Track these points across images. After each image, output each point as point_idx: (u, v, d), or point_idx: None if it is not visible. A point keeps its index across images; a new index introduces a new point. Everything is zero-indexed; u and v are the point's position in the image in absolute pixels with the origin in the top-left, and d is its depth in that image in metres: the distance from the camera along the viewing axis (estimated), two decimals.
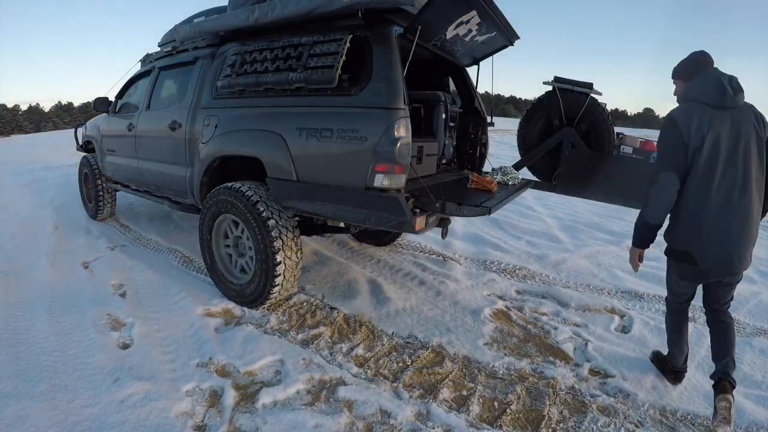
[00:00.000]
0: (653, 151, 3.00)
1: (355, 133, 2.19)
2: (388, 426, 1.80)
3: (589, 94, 3.05)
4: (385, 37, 2.26)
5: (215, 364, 2.17)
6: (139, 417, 1.79)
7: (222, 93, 2.86)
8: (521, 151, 3.40)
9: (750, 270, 3.83)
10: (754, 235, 1.82)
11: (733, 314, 2.89)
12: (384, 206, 2.15)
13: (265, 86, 2.54)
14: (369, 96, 2.20)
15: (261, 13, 2.56)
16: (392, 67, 2.18)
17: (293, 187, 2.44)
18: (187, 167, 3.13)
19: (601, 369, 2.25)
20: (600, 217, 5.72)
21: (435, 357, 2.31)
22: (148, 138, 3.57)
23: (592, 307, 2.94)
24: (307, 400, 1.94)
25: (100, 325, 2.50)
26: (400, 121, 2.11)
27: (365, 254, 3.76)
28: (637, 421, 1.89)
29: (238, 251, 2.81)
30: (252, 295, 2.64)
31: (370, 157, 2.14)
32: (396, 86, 2.15)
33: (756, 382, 2.20)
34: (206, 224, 2.83)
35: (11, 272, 3.22)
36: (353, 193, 2.23)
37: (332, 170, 2.32)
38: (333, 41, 2.28)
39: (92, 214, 4.71)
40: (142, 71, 4.02)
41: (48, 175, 7.59)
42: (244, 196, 2.53)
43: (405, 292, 3.04)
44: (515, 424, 1.85)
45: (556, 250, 4.04)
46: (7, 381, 1.98)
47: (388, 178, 2.13)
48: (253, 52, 2.66)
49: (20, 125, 53.42)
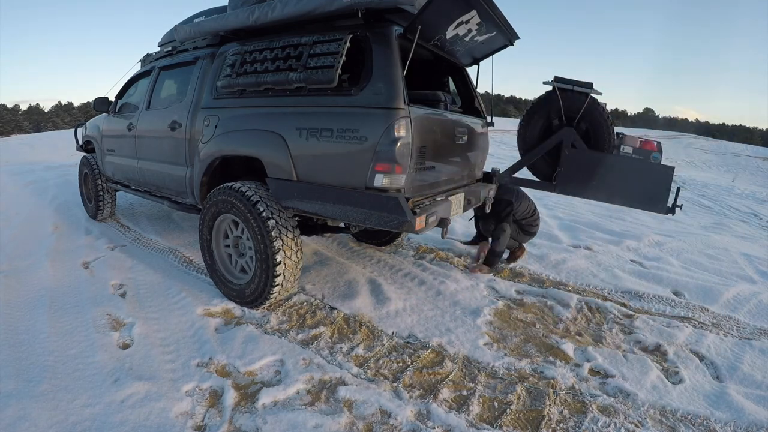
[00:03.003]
0: (653, 150, 3.00)
1: (355, 133, 2.19)
2: (388, 426, 1.80)
3: (589, 94, 3.05)
4: (385, 37, 2.26)
5: (215, 364, 2.17)
6: (139, 417, 1.79)
7: (222, 93, 2.86)
8: (521, 151, 3.39)
9: (750, 270, 3.85)
10: None
11: (733, 314, 2.92)
12: (384, 206, 2.15)
13: (265, 86, 2.54)
14: (369, 96, 2.20)
15: (261, 13, 2.56)
16: (392, 67, 2.18)
17: (293, 187, 2.44)
18: (187, 167, 3.13)
19: (601, 369, 2.25)
20: (600, 217, 5.72)
21: (435, 357, 2.31)
22: (148, 138, 3.57)
23: (592, 306, 2.94)
24: (307, 400, 1.94)
25: (100, 325, 2.50)
26: (400, 121, 2.11)
27: (365, 254, 3.76)
28: (637, 421, 1.89)
29: (238, 251, 2.81)
30: (252, 295, 2.64)
31: (370, 157, 2.14)
32: (396, 86, 2.15)
33: (756, 382, 2.20)
34: (206, 224, 2.83)
35: (11, 272, 3.22)
36: (353, 193, 2.23)
37: (332, 170, 2.31)
38: (333, 41, 2.28)
39: (92, 214, 4.71)
40: (142, 71, 4.02)
41: (48, 175, 7.59)
42: (244, 196, 2.53)
43: (405, 292, 3.04)
44: (515, 424, 1.85)
45: (556, 250, 4.03)
46: (7, 381, 1.98)
47: (388, 178, 2.13)
48: (253, 52, 2.65)
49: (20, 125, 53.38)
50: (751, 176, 15.62)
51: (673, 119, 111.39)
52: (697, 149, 22.86)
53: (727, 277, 3.64)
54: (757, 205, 8.14)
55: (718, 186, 10.61)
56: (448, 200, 2.57)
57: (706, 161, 18.62)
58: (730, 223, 6.19)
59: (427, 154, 2.43)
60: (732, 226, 5.96)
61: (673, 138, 27.79)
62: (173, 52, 3.59)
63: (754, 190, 10.48)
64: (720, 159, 19.78)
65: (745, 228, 6.00)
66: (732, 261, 4.10)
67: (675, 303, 3.05)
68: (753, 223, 6.42)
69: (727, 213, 7.11)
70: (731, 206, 7.76)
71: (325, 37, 2.33)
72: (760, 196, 9.47)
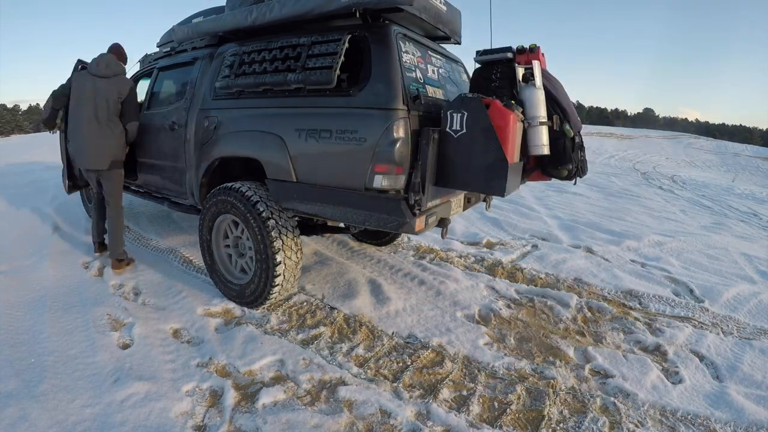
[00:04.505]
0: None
1: (354, 134, 2.18)
2: (388, 426, 1.80)
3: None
4: (384, 37, 2.25)
5: (215, 364, 2.17)
6: (139, 417, 1.79)
7: (221, 94, 2.85)
8: None
9: (750, 270, 3.86)
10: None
11: (733, 314, 2.92)
12: (383, 207, 2.15)
13: (263, 87, 2.53)
14: (368, 96, 2.18)
15: (259, 13, 2.56)
16: (391, 68, 2.17)
17: (293, 189, 2.43)
18: (186, 168, 3.13)
19: (601, 369, 2.25)
20: (600, 217, 5.73)
21: (435, 357, 2.31)
22: (146, 138, 3.56)
23: (592, 306, 2.94)
24: (307, 400, 1.94)
25: (101, 325, 2.50)
26: (399, 121, 2.10)
27: (365, 254, 3.76)
28: (637, 421, 1.89)
29: (238, 251, 2.81)
30: (252, 296, 2.64)
31: (369, 158, 2.13)
32: (395, 87, 2.13)
33: (756, 382, 2.20)
34: (206, 225, 2.83)
35: (11, 272, 3.22)
36: (353, 194, 2.22)
37: (331, 171, 2.31)
38: (331, 41, 2.27)
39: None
40: (140, 72, 4.01)
41: (48, 175, 7.59)
42: (243, 197, 2.53)
43: (405, 292, 3.04)
44: (515, 424, 1.85)
45: (556, 250, 4.03)
46: (7, 381, 1.98)
47: (387, 179, 2.12)
48: (251, 53, 2.65)
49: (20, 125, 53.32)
50: (751, 176, 15.61)
51: (673, 119, 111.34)
52: (697, 149, 22.85)
53: (727, 277, 3.64)
54: (757, 205, 8.14)
55: (718, 186, 10.61)
56: (448, 200, 2.57)
57: (706, 161, 18.61)
58: (730, 223, 6.19)
59: None
60: (732, 226, 5.96)
61: (673, 138, 27.78)
62: (172, 52, 3.59)
63: (754, 190, 10.48)
64: (720, 159, 19.78)
65: (745, 228, 6.00)
66: (732, 261, 4.10)
67: (675, 303, 3.05)
68: (753, 223, 6.42)
69: (727, 213, 7.11)
70: (731, 206, 7.76)
71: (323, 37, 2.32)
72: (760, 196, 9.47)
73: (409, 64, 2.32)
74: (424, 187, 2.11)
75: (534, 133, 2.34)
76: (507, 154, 2.04)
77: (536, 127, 2.33)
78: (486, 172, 2.09)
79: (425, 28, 2.64)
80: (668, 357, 2.39)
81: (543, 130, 2.34)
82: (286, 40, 2.50)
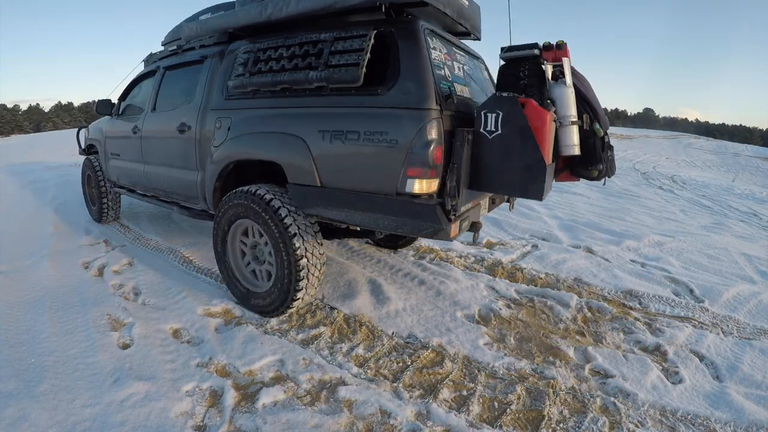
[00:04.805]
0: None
1: (384, 135, 2.05)
2: (388, 426, 1.80)
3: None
4: (412, 33, 2.12)
5: (215, 364, 2.17)
6: (139, 417, 1.79)
7: (234, 93, 2.72)
8: None
9: (750, 270, 3.85)
10: None
11: (733, 314, 2.92)
12: (417, 213, 2.02)
13: (281, 86, 2.40)
14: (398, 96, 2.06)
15: (275, 8, 2.40)
16: (421, 65, 2.05)
17: (317, 194, 2.30)
18: (197, 171, 3.01)
19: (601, 369, 2.25)
20: (600, 217, 5.73)
21: (435, 357, 2.31)
22: (155, 141, 3.45)
23: (592, 306, 2.94)
24: (307, 400, 1.94)
25: (101, 325, 2.50)
26: (432, 122, 1.97)
27: (365, 254, 3.76)
28: (637, 421, 1.89)
29: (254, 255, 2.70)
30: (273, 303, 2.53)
31: (402, 161, 2.00)
32: (427, 85, 2.02)
33: (756, 382, 2.20)
34: (221, 230, 2.72)
35: (11, 272, 3.22)
36: (383, 199, 2.10)
37: (360, 175, 2.18)
38: (356, 37, 2.14)
39: (96, 217, 4.63)
40: (146, 71, 3.91)
41: (48, 175, 7.60)
42: (263, 200, 2.41)
43: (405, 292, 3.04)
44: (515, 424, 1.85)
45: (556, 250, 4.03)
46: (7, 381, 1.99)
47: (420, 183, 2.00)
48: (267, 50, 2.51)
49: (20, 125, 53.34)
50: (751, 176, 15.60)
51: (673, 119, 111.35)
52: (697, 149, 22.85)
53: (727, 277, 3.64)
54: (757, 205, 8.13)
55: (718, 186, 10.61)
56: (477, 203, 2.47)
57: (706, 161, 18.61)
58: (730, 223, 6.18)
59: None
60: (732, 226, 5.96)
61: (673, 138, 27.78)
62: (179, 51, 3.49)
63: (754, 190, 10.48)
64: (720, 159, 19.77)
65: (745, 228, 5.99)
66: (732, 261, 4.10)
67: (675, 303, 3.05)
68: (753, 223, 6.41)
69: (727, 213, 7.11)
70: (731, 206, 7.75)
71: (347, 33, 2.20)
72: (760, 196, 9.47)
73: (438, 61, 2.20)
74: (460, 191, 2.01)
75: (565, 133, 2.25)
76: (544, 155, 1.96)
77: (567, 126, 2.24)
78: (522, 175, 2.01)
79: (446, 23, 2.52)
80: (668, 357, 2.39)
81: (574, 129, 2.26)
82: (305, 35, 2.37)
